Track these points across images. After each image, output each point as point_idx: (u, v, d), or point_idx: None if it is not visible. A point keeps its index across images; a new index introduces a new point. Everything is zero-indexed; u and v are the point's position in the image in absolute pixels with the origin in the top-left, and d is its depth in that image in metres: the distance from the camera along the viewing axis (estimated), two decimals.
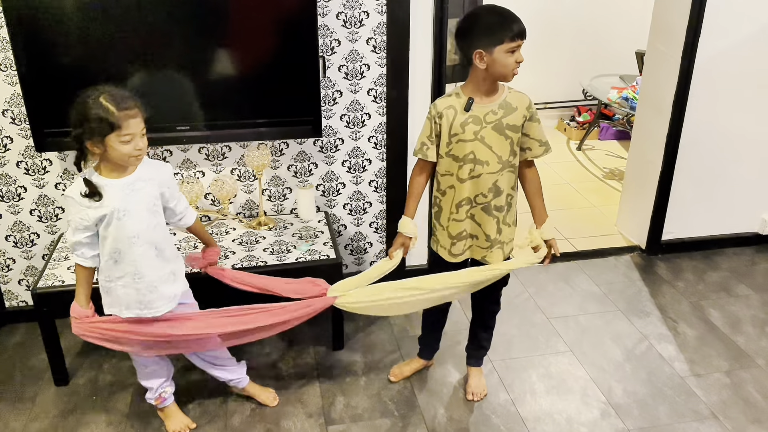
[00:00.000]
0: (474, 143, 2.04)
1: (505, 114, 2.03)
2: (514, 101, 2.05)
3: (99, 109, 1.78)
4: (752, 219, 3.54)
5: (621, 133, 5.20)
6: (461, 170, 2.07)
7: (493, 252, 2.18)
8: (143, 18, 2.35)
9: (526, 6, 5.14)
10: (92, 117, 1.77)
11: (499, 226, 2.16)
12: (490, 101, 2.03)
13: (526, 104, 2.06)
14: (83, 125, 1.79)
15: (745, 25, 3.07)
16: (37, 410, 2.40)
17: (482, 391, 2.46)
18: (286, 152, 2.81)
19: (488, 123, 2.03)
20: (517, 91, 2.08)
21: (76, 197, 1.86)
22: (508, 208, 2.16)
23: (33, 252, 2.78)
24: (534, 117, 2.07)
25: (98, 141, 1.80)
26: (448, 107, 2.05)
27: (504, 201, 2.14)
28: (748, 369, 2.61)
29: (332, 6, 2.60)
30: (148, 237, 1.95)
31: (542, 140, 2.11)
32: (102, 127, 1.78)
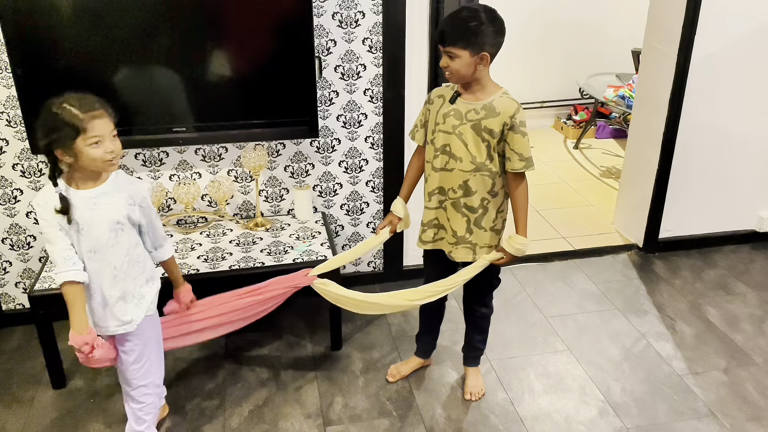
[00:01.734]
0: (451, 136, 2.06)
1: (486, 116, 2.01)
2: (500, 106, 2.01)
3: (63, 115, 1.72)
4: (749, 217, 3.54)
5: (618, 132, 5.21)
6: (436, 160, 2.11)
7: (458, 249, 2.19)
8: (139, 20, 2.34)
9: (523, 5, 5.17)
10: (57, 124, 1.71)
11: (469, 226, 2.14)
12: (476, 100, 2.04)
13: (510, 113, 2.00)
14: (50, 134, 1.73)
15: (740, 23, 3.08)
16: (35, 413, 2.39)
17: (480, 390, 2.46)
18: (282, 153, 2.81)
19: (468, 120, 2.03)
20: (509, 98, 2.04)
21: (41, 204, 1.78)
22: (483, 212, 2.12)
23: (29, 254, 2.77)
24: (517, 128, 2.00)
25: (68, 148, 1.73)
26: (439, 96, 2.11)
27: (477, 203, 2.11)
28: (746, 367, 2.62)
29: (328, 6, 2.60)
30: (104, 254, 1.84)
31: (523, 155, 2.02)
32: (68, 133, 1.71)
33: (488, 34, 1.96)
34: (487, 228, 2.16)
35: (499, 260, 2.16)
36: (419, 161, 2.24)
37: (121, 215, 1.84)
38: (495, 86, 2.06)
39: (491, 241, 2.18)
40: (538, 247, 3.53)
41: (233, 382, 2.51)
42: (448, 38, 1.96)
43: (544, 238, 3.65)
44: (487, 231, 2.16)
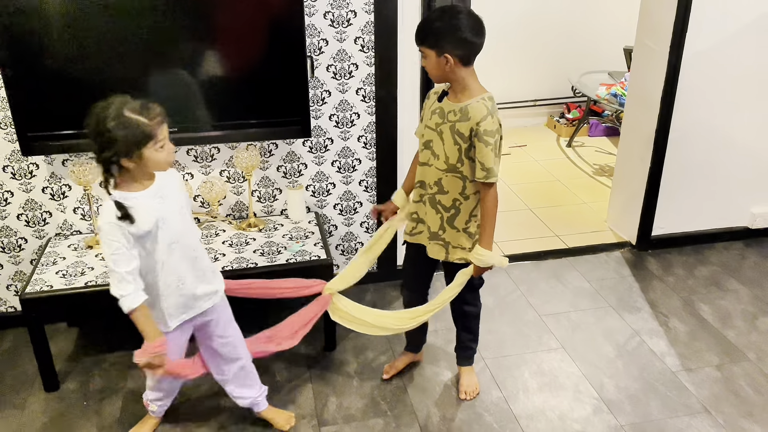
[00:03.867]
0: (433, 133, 2.09)
1: (460, 119, 2.01)
2: (472, 111, 1.99)
3: (130, 125, 1.70)
4: (741, 213, 3.56)
5: (610, 130, 5.22)
6: (421, 154, 2.16)
7: (432, 246, 2.22)
8: (129, 20, 2.33)
9: (516, 4, 5.17)
10: (125, 135, 1.70)
11: (443, 224, 2.16)
12: (456, 102, 2.04)
13: (477, 119, 1.97)
14: (114, 145, 1.70)
15: (731, 21, 3.09)
16: (27, 416, 2.38)
17: (474, 389, 2.46)
18: (275, 153, 2.80)
19: (448, 121, 2.05)
20: (483, 104, 2.00)
21: (114, 221, 1.77)
22: (455, 212, 2.14)
23: (21, 257, 2.75)
24: (480, 136, 1.97)
25: (135, 155, 1.74)
26: (435, 92, 2.15)
27: (449, 202, 2.13)
28: (739, 363, 2.63)
29: (319, 5, 2.59)
30: (184, 241, 1.92)
31: (484, 164, 1.99)
32: (138, 141, 1.72)
33: (451, 36, 1.93)
34: (460, 228, 2.16)
35: (475, 275, 2.19)
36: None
37: (182, 199, 1.95)
38: (479, 90, 2.03)
39: (465, 243, 2.18)
40: (531, 245, 3.53)
41: None
42: (416, 37, 2.00)
43: (537, 237, 3.65)
44: (460, 231, 2.17)
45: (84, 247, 2.62)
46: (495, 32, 5.43)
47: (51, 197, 2.67)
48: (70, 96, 2.40)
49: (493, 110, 2.01)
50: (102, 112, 1.72)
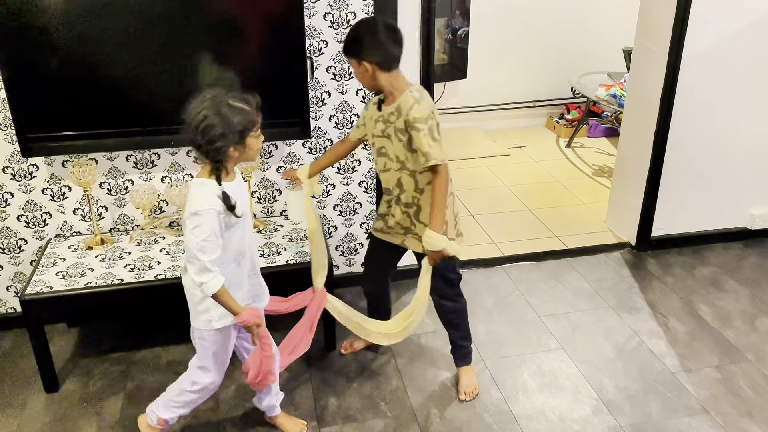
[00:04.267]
0: (383, 139, 2.18)
1: (397, 117, 2.10)
2: (402, 105, 2.08)
3: (239, 113, 1.76)
4: (740, 214, 3.56)
5: (610, 130, 5.22)
6: (377, 163, 2.26)
7: (409, 239, 2.31)
8: (129, 22, 2.34)
9: (515, 4, 5.18)
10: (236, 123, 1.75)
11: (411, 220, 2.25)
12: (391, 103, 2.12)
13: (406, 110, 2.06)
14: (227, 136, 1.74)
15: (730, 21, 3.09)
16: (27, 417, 2.38)
17: (473, 389, 2.47)
18: (275, 154, 2.81)
19: (390, 123, 2.14)
20: (411, 95, 2.07)
21: (216, 208, 1.79)
22: (417, 208, 2.22)
23: (21, 258, 2.75)
24: (412, 124, 2.04)
25: (241, 145, 1.79)
26: (374, 102, 2.23)
27: (409, 200, 2.21)
28: (738, 363, 2.63)
29: (319, 7, 2.60)
30: (251, 236, 2.01)
31: (421, 150, 2.05)
32: (246, 128, 1.77)
33: (366, 45, 2.04)
34: (426, 223, 2.20)
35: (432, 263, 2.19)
36: (340, 149, 2.40)
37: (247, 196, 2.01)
38: (406, 86, 2.11)
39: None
40: (530, 246, 3.53)
41: (227, 383, 2.50)
42: (342, 50, 2.14)
43: (536, 237, 3.65)
44: (427, 226, 2.20)
45: (84, 248, 2.62)
46: (495, 33, 5.49)
47: (51, 198, 2.67)
48: (70, 97, 2.41)
49: (420, 98, 2.07)
50: (202, 105, 1.75)
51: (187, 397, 2.09)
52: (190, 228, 1.79)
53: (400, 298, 3.06)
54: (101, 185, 2.69)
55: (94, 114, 2.46)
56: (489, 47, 5.23)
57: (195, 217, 1.78)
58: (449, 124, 5.40)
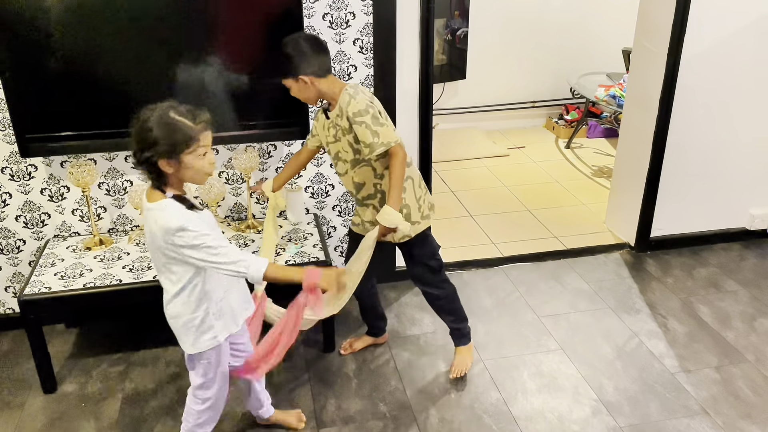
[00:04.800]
0: (337, 144, 2.23)
1: (341, 117, 2.16)
2: (342, 105, 2.13)
3: (173, 125, 1.67)
4: (740, 215, 3.56)
5: (609, 131, 5.22)
6: (337, 167, 2.30)
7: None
8: (129, 23, 2.33)
9: (514, 5, 5.18)
10: (166, 134, 1.66)
11: (378, 210, 2.25)
12: (335, 107, 2.18)
13: (344, 107, 2.12)
14: (155, 146, 1.66)
15: (730, 22, 3.09)
16: (25, 418, 2.37)
17: (463, 368, 2.55)
18: (274, 154, 2.80)
19: (339, 126, 2.19)
20: (345, 93, 2.13)
21: (190, 214, 1.73)
22: (381, 196, 2.26)
23: (19, 259, 2.75)
24: (353, 120, 2.10)
25: (173, 159, 1.69)
26: (321, 111, 2.28)
27: (371, 191, 2.27)
28: (738, 364, 2.63)
29: (318, 7, 2.59)
30: None
31: (365, 142, 2.11)
32: (179, 144, 1.67)
33: (298, 62, 2.09)
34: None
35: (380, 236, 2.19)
36: (298, 160, 2.44)
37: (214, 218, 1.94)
38: (341, 88, 2.16)
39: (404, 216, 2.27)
40: (530, 246, 3.53)
41: None
42: (280, 76, 2.15)
43: (536, 238, 3.65)
44: None
45: (82, 249, 2.61)
46: (494, 34, 5.49)
47: (49, 199, 2.67)
48: (69, 98, 2.40)
49: (354, 93, 2.12)
50: (147, 112, 1.70)
51: (206, 415, 2.04)
52: (189, 242, 1.69)
53: (400, 298, 3.06)
54: (100, 186, 2.69)
55: (92, 114, 2.45)
56: (488, 48, 5.23)
57: (184, 231, 1.69)
58: (448, 124, 5.40)
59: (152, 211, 1.74)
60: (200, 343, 1.89)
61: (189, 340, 1.89)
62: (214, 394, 2.01)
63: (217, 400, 2.03)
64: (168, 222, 1.70)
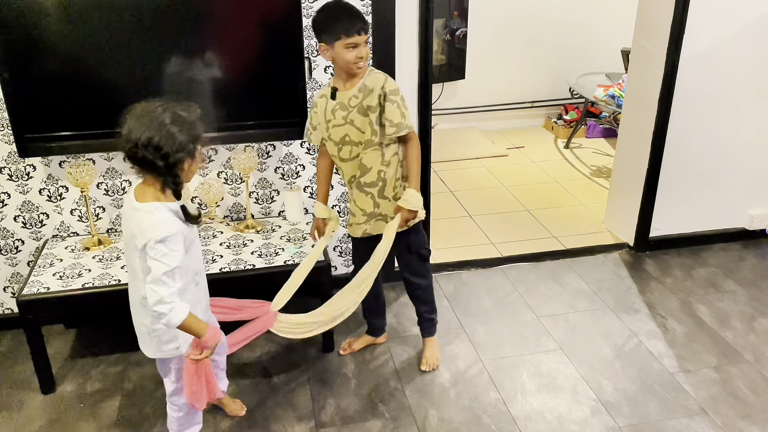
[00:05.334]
0: (345, 127, 2.21)
1: (364, 96, 2.16)
2: (371, 83, 2.16)
3: (190, 123, 1.67)
4: (739, 215, 3.56)
5: (608, 131, 5.22)
6: (341, 152, 2.26)
7: (371, 224, 2.35)
8: (127, 22, 2.33)
9: (513, 4, 5.18)
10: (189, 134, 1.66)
11: (375, 200, 2.30)
12: (351, 87, 2.18)
13: (380, 84, 2.14)
14: (184, 146, 1.65)
15: (729, 22, 3.09)
16: (24, 418, 2.37)
17: (435, 361, 2.60)
18: (273, 154, 2.80)
19: (353, 107, 2.19)
20: (376, 73, 2.18)
21: (178, 230, 1.70)
22: (382, 184, 2.27)
23: (18, 259, 2.75)
24: (389, 97, 2.14)
25: (195, 157, 1.71)
26: (321, 97, 2.27)
27: (375, 177, 2.26)
28: (737, 364, 2.63)
29: (317, 7, 2.58)
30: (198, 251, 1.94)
31: (393, 121, 2.16)
32: (197, 138, 1.68)
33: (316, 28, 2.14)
34: (391, 197, 2.30)
35: (403, 223, 2.24)
36: (326, 160, 2.38)
37: None
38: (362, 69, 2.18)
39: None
40: (529, 246, 3.53)
41: None
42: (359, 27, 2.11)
43: (535, 238, 3.65)
44: (391, 201, 2.30)
45: (81, 249, 2.61)
46: (493, 34, 5.49)
47: (48, 199, 2.66)
48: (67, 97, 2.40)
49: (386, 74, 2.19)
50: (154, 117, 1.64)
51: (185, 420, 2.07)
52: (158, 256, 1.66)
53: (399, 298, 3.06)
54: (98, 186, 2.68)
55: (91, 114, 2.45)
56: (487, 48, 5.23)
57: (162, 244, 1.66)
58: (447, 124, 5.40)
59: (138, 212, 1.71)
60: (164, 352, 1.89)
61: (152, 346, 1.90)
62: (186, 403, 2.01)
63: (190, 410, 2.04)
64: (152, 228, 1.67)
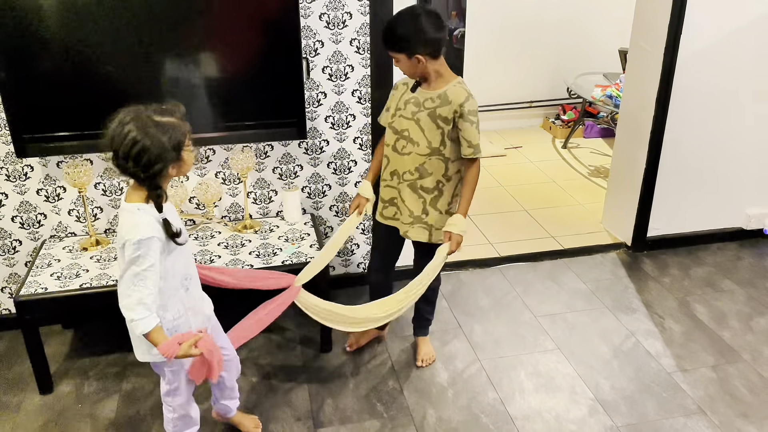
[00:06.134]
0: (410, 122, 2.20)
1: (441, 105, 2.15)
2: (452, 95, 2.14)
3: (169, 128, 1.63)
4: (736, 214, 3.57)
5: (606, 131, 5.23)
6: (397, 143, 2.25)
7: (414, 229, 2.33)
8: (124, 22, 2.33)
9: (511, 5, 5.18)
10: (169, 140, 1.62)
11: (425, 207, 2.28)
12: (432, 90, 2.17)
13: (459, 101, 2.12)
14: (163, 156, 1.61)
15: (726, 22, 3.10)
16: (22, 419, 2.37)
17: (431, 357, 2.63)
18: (270, 155, 2.80)
19: (426, 108, 2.17)
20: (462, 88, 2.15)
21: (156, 235, 1.66)
22: (438, 194, 2.26)
23: (15, 259, 2.74)
24: (466, 116, 2.12)
25: (178, 161, 1.67)
26: (403, 83, 2.27)
27: (432, 185, 2.25)
28: (734, 363, 2.63)
29: (315, 7, 2.59)
30: (190, 252, 1.90)
31: (471, 142, 2.15)
32: (181, 143, 1.65)
33: (417, 39, 2.07)
34: (443, 210, 2.29)
35: (456, 247, 2.23)
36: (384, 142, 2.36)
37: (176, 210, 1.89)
38: (451, 76, 2.18)
39: (443, 224, 2.28)
40: (527, 246, 3.53)
41: None
42: (386, 45, 2.14)
43: (533, 238, 3.65)
44: (443, 214, 2.29)
45: (79, 249, 2.61)
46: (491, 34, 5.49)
47: (46, 199, 2.66)
48: (65, 97, 2.40)
49: (470, 92, 2.16)
50: (131, 126, 1.60)
51: (181, 422, 2.06)
52: (130, 257, 1.64)
53: None
54: (96, 186, 2.68)
55: (89, 114, 2.44)
56: (485, 48, 5.23)
57: (135, 245, 1.64)
58: None
59: (124, 212, 1.71)
60: (152, 356, 1.87)
61: (142, 348, 1.88)
62: (181, 403, 2.01)
63: (186, 408, 2.04)
64: (130, 229, 1.67)
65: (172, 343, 1.72)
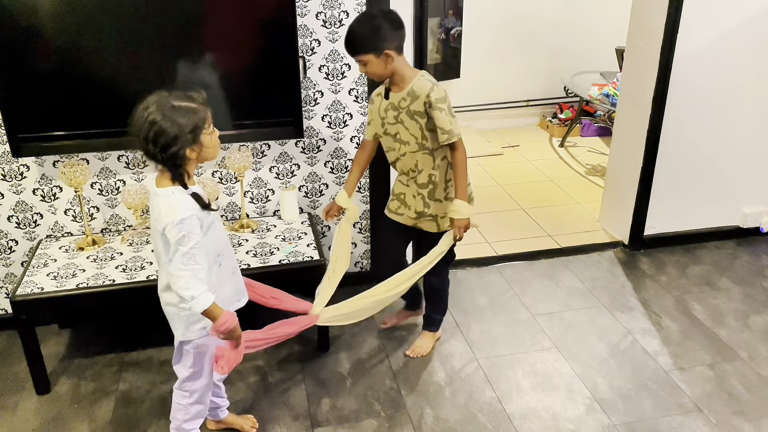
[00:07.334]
0: (397, 126, 2.29)
1: (411, 101, 2.22)
2: (418, 89, 2.20)
3: (186, 112, 1.69)
4: (733, 213, 3.57)
5: (603, 130, 5.24)
6: (394, 149, 2.34)
7: (423, 222, 2.42)
8: (120, 22, 2.32)
9: (508, 4, 5.18)
10: (186, 123, 1.68)
11: (425, 202, 2.37)
12: (401, 90, 2.24)
13: (426, 92, 2.18)
14: (179, 137, 1.67)
15: (722, 21, 3.10)
16: (18, 419, 2.36)
17: (422, 351, 2.66)
18: (267, 154, 2.80)
19: (402, 108, 2.25)
20: (425, 80, 2.21)
21: (194, 212, 1.73)
22: (432, 186, 2.34)
23: (11, 259, 2.73)
24: (434, 105, 2.18)
25: (197, 144, 1.72)
26: (377, 94, 2.34)
27: (425, 179, 2.33)
28: (731, 362, 2.64)
29: (311, 6, 2.59)
30: (224, 229, 1.96)
31: (444, 128, 2.20)
32: (197, 126, 1.70)
33: (380, 36, 2.13)
34: (442, 199, 2.37)
35: (459, 232, 2.30)
36: (363, 155, 2.45)
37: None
38: (413, 72, 2.24)
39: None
40: (524, 245, 3.54)
41: None
42: (353, 51, 2.18)
43: (530, 237, 3.66)
44: (442, 201, 2.37)
45: (75, 249, 2.60)
46: (488, 33, 5.49)
47: (42, 199, 2.65)
48: (61, 97, 2.39)
49: (434, 81, 2.22)
50: (152, 108, 1.68)
51: (194, 409, 2.05)
52: (176, 239, 1.70)
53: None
54: (92, 185, 2.68)
55: (85, 114, 2.44)
56: (482, 47, 5.23)
57: (178, 226, 1.70)
58: None
59: (158, 197, 1.77)
60: (190, 332, 1.91)
61: (180, 328, 1.92)
62: (201, 387, 2.02)
63: (204, 394, 2.04)
64: (169, 210, 1.73)
65: (231, 314, 1.80)
